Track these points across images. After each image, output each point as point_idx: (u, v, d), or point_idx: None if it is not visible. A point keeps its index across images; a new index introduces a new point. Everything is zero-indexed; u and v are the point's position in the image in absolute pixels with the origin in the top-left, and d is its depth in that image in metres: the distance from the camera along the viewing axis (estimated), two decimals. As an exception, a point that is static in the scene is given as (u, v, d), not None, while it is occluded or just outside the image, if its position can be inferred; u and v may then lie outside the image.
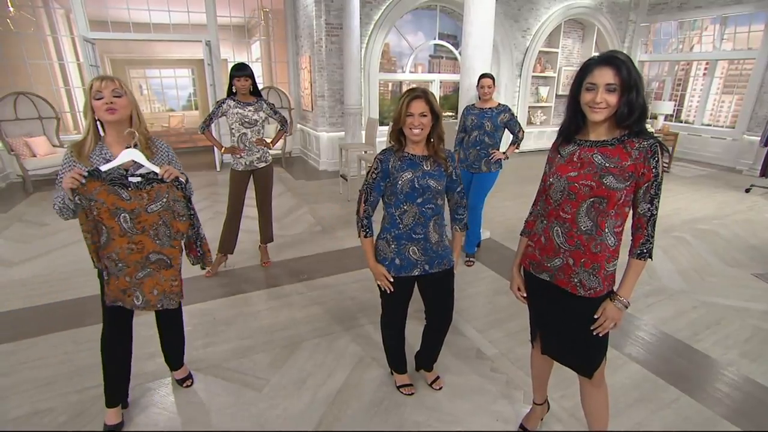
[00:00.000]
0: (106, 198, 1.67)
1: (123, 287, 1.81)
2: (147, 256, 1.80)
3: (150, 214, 1.75)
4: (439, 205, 1.92)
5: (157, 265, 1.84)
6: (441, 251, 1.96)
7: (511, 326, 2.81)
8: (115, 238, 1.74)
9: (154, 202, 1.74)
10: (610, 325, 1.45)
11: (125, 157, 1.73)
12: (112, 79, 1.71)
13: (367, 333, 2.75)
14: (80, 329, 2.79)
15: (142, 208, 1.73)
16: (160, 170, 1.76)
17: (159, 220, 1.77)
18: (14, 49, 6.38)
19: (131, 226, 1.74)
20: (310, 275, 3.51)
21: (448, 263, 2.00)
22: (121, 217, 1.71)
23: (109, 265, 1.77)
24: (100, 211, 1.68)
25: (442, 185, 1.88)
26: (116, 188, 1.67)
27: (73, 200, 1.63)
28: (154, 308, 1.87)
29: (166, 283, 1.86)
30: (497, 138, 3.50)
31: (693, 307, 3.10)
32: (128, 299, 1.83)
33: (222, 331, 2.76)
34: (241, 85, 3.14)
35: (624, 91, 1.29)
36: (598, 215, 1.38)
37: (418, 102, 1.75)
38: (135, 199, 1.71)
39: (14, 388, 2.26)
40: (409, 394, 2.22)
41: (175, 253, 1.85)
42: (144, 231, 1.76)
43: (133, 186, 1.70)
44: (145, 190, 1.72)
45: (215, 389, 2.27)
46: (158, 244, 1.80)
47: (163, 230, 1.80)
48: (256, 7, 7.70)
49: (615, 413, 2.05)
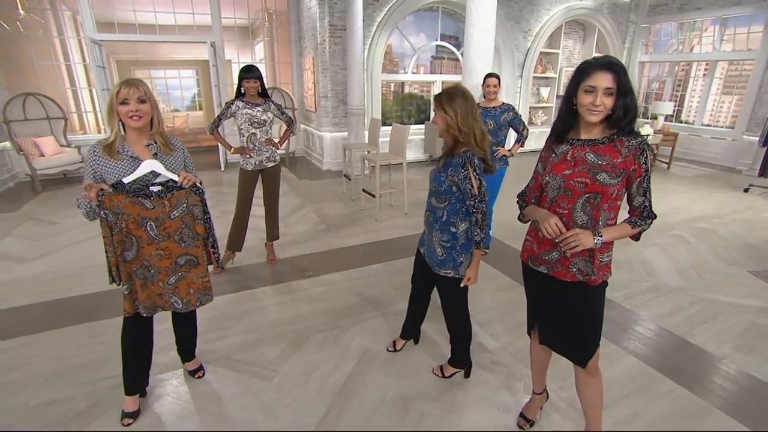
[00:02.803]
0: (131, 210, 1.79)
1: (159, 292, 1.92)
2: (175, 260, 1.92)
3: (173, 220, 1.86)
4: (432, 204, 2.04)
5: (187, 266, 1.96)
6: (430, 247, 2.11)
7: (511, 321, 2.89)
8: (144, 246, 1.85)
9: (175, 208, 1.86)
10: (572, 242, 1.44)
11: (146, 168, 1.83)
12: (138, 86, 1.79)
13: (372, 327, 2.83)
14: (93, 323, 2.88)
15: (165, 215, 1.84)
16: (178, 178, 1.86)
17: (182, 224, 1.89)
18: (23, 50, 6.48)
19: (157, 233, 1.85)
20: (315, 272, 3.60)
21: (432, 265, 2.11)
22: (147, 225, 1.83)
23: (140, 273, 1.88)
24: (128, 223, 1.80)
25: (435, 186, 1.99)
26: (140, 199, 1.79)
27: (99, 214, 1.75)
28: (194, 307, 2.00)
29: (199, 281, 1.99)
30: (501, 136, 3.58)
31: (690, 303, 3.18)
32: (166, 304, 1.94)
33: (231, 325, 2.85)
34: (250, 87, 3.23)
35: (620, 95, 1.37)
36: (593, 210, 1.47)
37: (435, 103, 1.95)
38: (158, 207, 1.82)
39: (31, 379, 2.34)
40: (391, 350, 2.57)
41: (200, 252, 1.98)
42: (169, 237, 1.88)
43: (154, 195, 1.81)
44: (167, 197, 1.84)
45: (226, 380, 2.36)
46: (184, 247, 1.93)
47: (187, 232, 1.92)
48: (260, 8, 7.78)
49: (611, 403, 2.14)
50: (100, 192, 1.73)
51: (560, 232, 1.46)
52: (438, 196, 1.99)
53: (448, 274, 2.06)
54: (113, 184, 1.77)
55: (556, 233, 1.46)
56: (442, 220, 2.01)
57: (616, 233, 1.48)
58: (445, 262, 2.04)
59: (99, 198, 1.73)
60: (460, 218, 1.98)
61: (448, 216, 1.99)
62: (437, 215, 2.03)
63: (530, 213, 1.66)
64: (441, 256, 2.05)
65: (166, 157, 1.93)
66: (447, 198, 1.97)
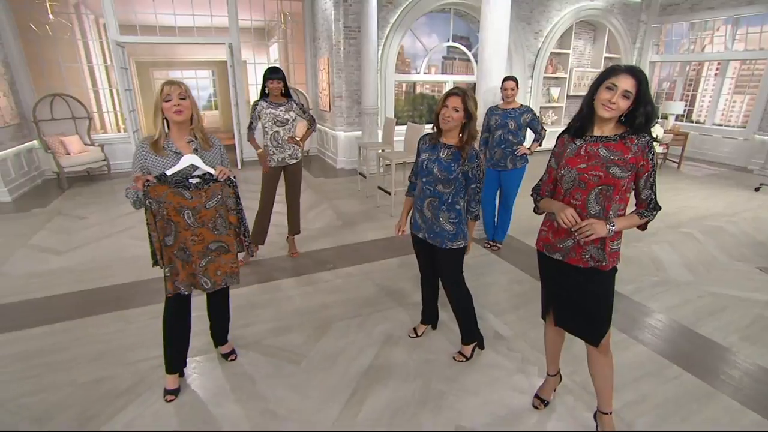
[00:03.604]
0: (172, 199, 1.97)
1: (192, 272, 2.10)
2: (207, 246, 2.10)
3: (208, 209, 2.05)
4: (438, 190, 2.25)
5: (217, 252, 2.13)
6: (436, 229, 2.30)
7: (524, 312, 3.03)
8: (181, 231, 2.03)
9: (210, 199, 2.04)
10: (587, 231, 1.58)
11: (186, 162, 2.01)
12: (179, 84, 1.98)
13: (392, 315, 2.98)
14: (126, 311, 3.06)
15: (202, 204, 2.02)
16: (215, 171, 2.03)
17: (216, 214, 2.07)
18: (49, 52, 6.73)
19: (193, 221, 2.03)
20: (335, 264, 3.76)
21: (442, 243, 2.30)
22: (185, 213, 2.01)
23: (180, 255, 2.06)
24: (169, 210, 1.98)
25: (445, 175, 2.20)
26: (180, 190, 1.98)
27: (144, 203, 1.93)
28: (219, 286, 2.18)
29: (227, 266, 2.16)
30: (521, 137, 3.72)
31: (698, 297, 3.28)
32: (198, 283, 2.12)
33: (258, 313, 3.02)
34: (274, 87, 3.39)
35: (637, 101, 1.51)
36: (605, 201, 1.61)
37: (455, 98, 2.12)
38: (195, 197, 2.00)
39: (78, 359, 2.53)
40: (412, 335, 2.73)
41: (231, 240, 2.16)
42: (204, 224, 2.06)
43: (193, 187, 1.99)
44: (203, 189, 2.02)
45: (257, 363, 2.52)
46: (216, 234, 2.10)
47: (220, 222, 2.10)
48: (276, 10, 7.97)
49: (621, 386, 2.26)
50: (146, 182, 1.92)
51: (576, 222, 1.59)
52: (446, 182, 2.23)
53: (459, 245, 2.31)
54: (157, 176, 1.95)
55: (572, 223, 1.60)
56: (449, 201, 2.26)
57: (626, 223, 1.62)
58: (456, 235, 2.29)
59: (145, 188, 1.91)
60: (461, 197, 2.29)
61: (453, 197, 2.26)
62: (443, 198, 2.26)
63: (545, 205, 1.80)
64: (452, 232, 2.28)
65: (204, 152, 2.10)
66: (453, 183, 2.23)
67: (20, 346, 2.65)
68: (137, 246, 4.17)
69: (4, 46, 6.06)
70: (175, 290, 2.09)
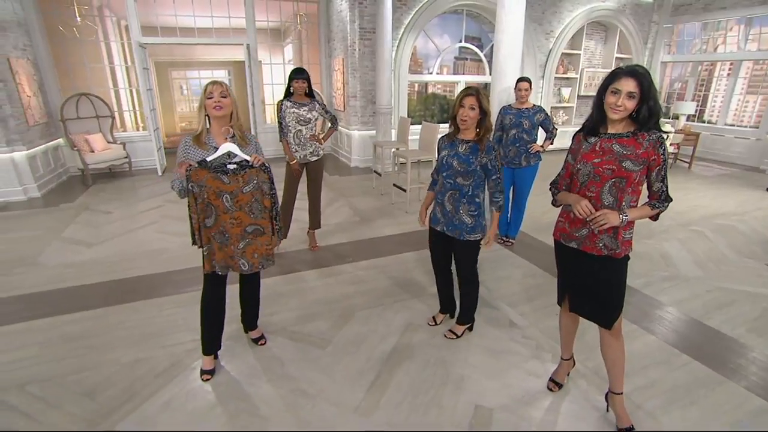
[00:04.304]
0: (212, 183, 2.12)
1: (230, 254, 2.25)
2: (245, 228, 2.25)
3: (245, 194, 2.20)
4: (458, 183, 2.40)
5: (254, 234, 2.28)
6: (455, 221, 2.45)
7: (538, 303, 3.15)
8: (220, 214, 2.19)
9: (247, 184, 2.19)
10: (601, 221, 1.71)
11: (224, 149, 2.17)
12: (221, 84, 2.15)
13: (410, 305, 3.12)
14: (157, 299, 3.24)
15: (239, 189, 2.17)
16: (250, 158, 2.19)
17: (252, 198, 2.22)
18: (76, 54, 6.97)
19: (231, 204, 2.18)
20: (354, 258, 3.91)
21: (460, 235, 2.46)
22: (224, 197, 2.16)
23: (218, 237, 2.22)
24: (209, 194, 2.13)
25: (464, 167, 2.37)
26: (219, 175, 2.13)
27: (187, 186, 2.09)
28: (257, 269, 2.32)
29: (263, 248, 2.31)
30: (534, 135, 3.85)
31: (707, 291, 3.38)
32: (235, 265, 2.27)
33: (284, 302, 3.18)
34: (299, 87, 3.55)
35: (642, 99, 1.63)
36: (618, 192, 1.74)
37: (470, 98, 2.28)
38: (233, 182, 2.16)
39: (114, 343, 2.71)
40: (431, 324, 2.87)
41: (266, 223, 2.31)
42: (241, 208, 2.21)
43: (231, 172, 2.14)
44: (240, 174, 2.17)
45: (285, 347, 2.68)
46: (252, 217, 2.25)
47: (256, 206, 2.25)
48: (291, 11, 8.14)
49: (631, 373, 2.38)
50: (189, 167, 2.08)
51: (591, 212, 1.73)
52: (465, 175, 2.38)
53: (477, 237, 2.46)
54: (198, 162, 2.11)
55: (588, 213, 1.73)
56: (469, 194, 2.41)
57: (638, 213, 1.75)
58: (474, 228, 2.44)
59: (187, 172, 2.07)
60: (480, 190, 2.44)
61: (473, 190, 2.41)
62: (464, 191, 2.41)
63: (562, 198, 1.94)
64: (471, 224, 2.44)
65: (241, 148, 2.25)
66: (472, 176, 2.38)
67: (63, 330, 2.83)
68: (162, 240, 4.36)
69: (34, 49, 6.30)
70: (211, 269, 2.25)
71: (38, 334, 2.78)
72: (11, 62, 5.49)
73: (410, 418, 2.11)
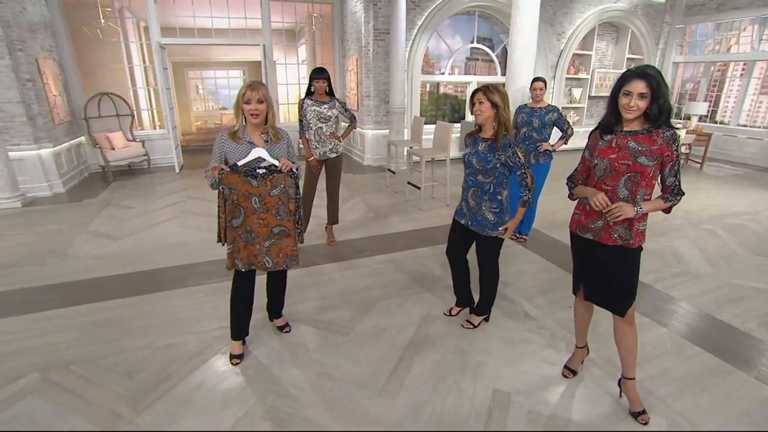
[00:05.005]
0: (241, 186, 2.27)
1: (255, 253, 2.38)
2: (271, 229, 2.38)
3: (272, 197, 2.33)
4: (479, 180, 2.52)
5: (279, 235, 2.41)
6: (478, 218, 2.56)
7: (552, 296, 3.25)
8: (249, 215, 2.33)
9: (275, 187, 2.32)
10: (617, 212, 1.82)
11: (255, 154, 2.30)
12: (258, 89, 2.24)
13: (428, 298, 3.23)
14: (184, 289, 3.38)
15: (267, 192, 2.31)
16: (279, 163, 2.30)
17: (278, 202, 2.35)
18: (98, 54, 7.18)
19: (260, 206, 2.31)
20: (371, 252, 4.03)
21: (482, 230, 2.56)
22: (252, 199, 2.30)
23: (244, 236, 2.35)
24: (238, 196, 2.27)
25: (482, 166, 2.47)
26: (248, 179, 2.27)
27: (219, 188, 2.23)
28: (281, 267, 2.46)
29: (288, 249, 2.44)
30: (545, 134, 3.93)
31: (718, 287, 3.45)
32: (260, 263, 2.40)
33: (306, 293, 3.30)
34: (319, 86, 3.68)
35: (653, 98, 1.73)
36: (633, 186, 1.85)
37: (478, 93, 2.43)
38: (261, 186, 2.30)
39: (147, 328, 2.85)
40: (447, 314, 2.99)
41: (291, 225, 2.44)
42: (268, 210, 2.34)
43: (260, 176, 2.28)
44: (268, 179, 2.30)
45: (309, 335, 2.80)
46: (278, 219, 2.38)
47: (282, 208, 2.38)
48: (306, 12, 8.29)
49: (644, 362, 2.47)
50: (221, 171, 2.20)
51: (606, 205, 1.83)
52: (485, 173, 2.48)
53: (498, 233, 2.55)
54: (230, 166, 2.23)
55: (603, 205, 1.83)
56: (490, 191, 2.50)
57: (652, 206, 1.85)
58: (496, 224, 2.53)
59: (219, 175, 2.20)
60: (503, 188, 2.50)
61: (495, 187, 2.49)
62: (485, 188, 2.51)
63: (579, 192, 2.04)
64: (493, 221, 2.53)
65: (274, 144, 2.38)
66: (492, 174, 2.46)
67: (98, 316, 2.99)
68: (183, 234, 4.52)
69: (59, 49, 6.51)
70: (233, 266, 2.38)
71: (75, 320, 2.94)
72: (39, 63, 5.69)
73: (432, 400, 2.22)
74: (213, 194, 2.37)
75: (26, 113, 5.46)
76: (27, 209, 5.31)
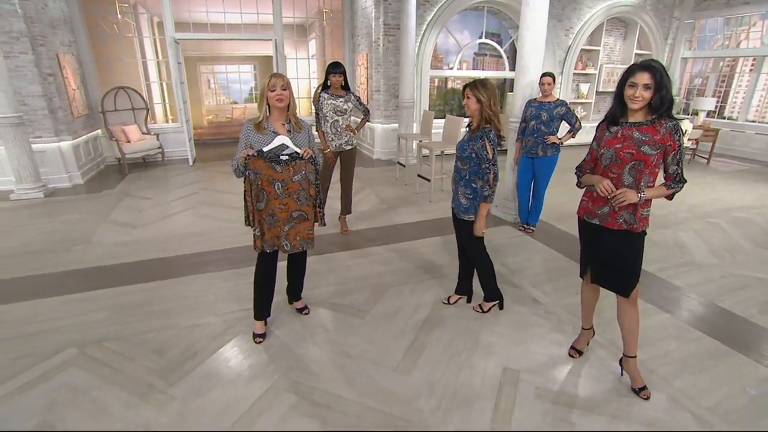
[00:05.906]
0: (266, 171, 2.40)
1: (277, 235, 2.53)
2: (291, 213, 2.52)
3: (294, 182, 2.47)
4: (458, 166, 2.71)
5: (298, 219, 2.55)
6: (456, 201, 2.76)
7: (559, 284, 3.37)
8: (271, 200, 2.46)
9: (296, 173, 2.46)
10: (621, 198, 1.93)
11: (278, 141, 2.43)
12: (282, 77, 2.39)
13: (438, 284, 3.36)
14: (204, 274, 3.54)
15: (289, 178, 2.45)
16: (301, 151, 2.44)
17: (299, 187, 2.48)
18: (114, 49, 7.34)
19: (282, 191, 2.45)
20: (384, 241, 4.16)
21: (458, 213, 2.76)
22: (276, 185, 2.43)
23: (267, 219, 2.49)
24: (263, 180, 2.41)
25: (459, 153, 2.68)
26: (272, 164, 2.40)
27: (244, 173, 2.37)
28: (297, 249, 2.60)
29: (305, 232, 2.58)
30: (553, 128, 4.04)
31: (721, 276, 3.55)
32: (281, 245, 2.55)
33: (323, 278, 3.45)
34: (336, 80, 3.81)
35: (657, 89, 1.85)
36: (637, 174, 1.96)
37: (465, 89, 2.60)
38: (284, 171, 2.43)
39: (172, 310, 3.01)
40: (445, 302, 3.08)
41: (310, 210, 2.58)
42: (290, 195, 2.48)
43: (283, 162, 2.41)
44: (291, 165, 2.43)
45: (327, 317, 2.95)
46: (299, 204, 2.52)
47: (303, 194, 2.51)
48: (317, 8, 8.40)
49: (647, 343, 2.60)
50: (248, 156, 2.34)
51: (612, 191, 1.95)
52: (462, 160, 2.66)
53: (470, 218, 2.71)
54: (257, 151, 2.37)
55: (609, 191, 1.95)
56: (466, 178, 2.67)
57: (655, 192, 1.97)
58: (468, 209, 2.70)
59: (246, 160, 2.34)
60: (477, 177, 2.62)
61: (470, 175, 2.64)
62: (462, 174, 2.69)
63: (586, 180, 2.16)
64: (465, 205, 2.70)
65: (296, 133, 2.51)
66: (468, 162, 2.62)
67: (126, 298, 3.15)
68: (200, 223, 4.68)
69: (78, 44, 6.67)
70: (261, 247, 2.52)
71: (105, 301, 3.10)
72: (59, 57, 5.86)
73: (445, 376, 2.36)
74: (226, 186, 2.53)
75: (48, 107, 5.64)
76: (48, 199, 5.50)
